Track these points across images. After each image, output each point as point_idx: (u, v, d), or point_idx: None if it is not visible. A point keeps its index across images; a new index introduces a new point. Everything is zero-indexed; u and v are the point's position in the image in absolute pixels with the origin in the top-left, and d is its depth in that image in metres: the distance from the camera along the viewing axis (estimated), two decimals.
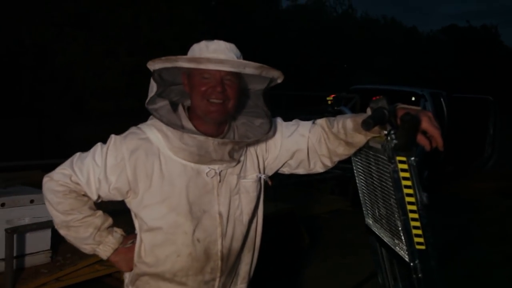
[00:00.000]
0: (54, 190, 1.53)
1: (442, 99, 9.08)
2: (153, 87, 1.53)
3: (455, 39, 36.68)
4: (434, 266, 1.52)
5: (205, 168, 1.55)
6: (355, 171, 1.97)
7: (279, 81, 1.57)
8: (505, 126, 10.52)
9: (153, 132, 1.54)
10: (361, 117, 1.57)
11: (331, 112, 1.85)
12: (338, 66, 25.07)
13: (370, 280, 4.32)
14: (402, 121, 1.38)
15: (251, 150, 1.67)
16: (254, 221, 1.72)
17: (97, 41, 12.92)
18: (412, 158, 1.48)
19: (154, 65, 1.50)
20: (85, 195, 1.55)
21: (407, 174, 1.49)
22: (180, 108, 1.60)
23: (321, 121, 1.70)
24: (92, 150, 1.56)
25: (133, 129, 1.58)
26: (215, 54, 1.49)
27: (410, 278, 1.66)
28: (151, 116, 1.60)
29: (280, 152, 1.70)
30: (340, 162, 1.77)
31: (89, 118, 13.03)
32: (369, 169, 1.79)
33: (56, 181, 1.53)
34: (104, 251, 1.63)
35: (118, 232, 1.67)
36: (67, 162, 1.55)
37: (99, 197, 1.56)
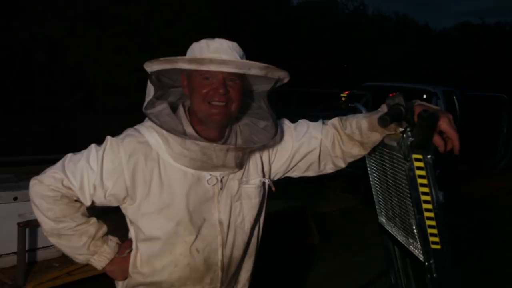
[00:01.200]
0: (44, 195, 1.42)
1: (455, 97, 8.98)
2: (150, 90, 1.44)
3: (468, 36, 36.32)
4: (449, 266, 1.49)
5: (206, 174, 1.47)
6: (368, 169, 1.94)
7: (285, 81, 1.49)
8: None
9: (152, 136, 1.44)
10: (375, 116, 1.54)
11: (345, 108, 1.82)
12: (349, 63, 24.94)
13: (380, 279, 4.29)
14: (420, 118, 1.35)
15: (255, 153, 1.60)
16: (256, 227, 1.65)
17: (108, 37, 12.97)
18: (429, 156, 1.46)
19: (151, 67, 1.40)
20: (77, 200, 1.45)
21: (423, 172, 1.47)
22: (181, 110, 1.50)
23: (333, 122, 1.66)
24: (85, 152, 1.45)
25: (130, 131, 1.48)
26: (217, 53, 1.41)
27: (424, 277, 1.64)
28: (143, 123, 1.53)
29: (290, 155, 1.63)
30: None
31: (100, 113, 13.11)
32: (383, 167, 1.76)
33: (46, 185, 1.41)
34: (99, 262, 1.53)
35: (113, 241, 1.57)
36: (58, 165, 1.44)
37: (92, 202, 1.46)
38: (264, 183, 1.61)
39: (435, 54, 31.13)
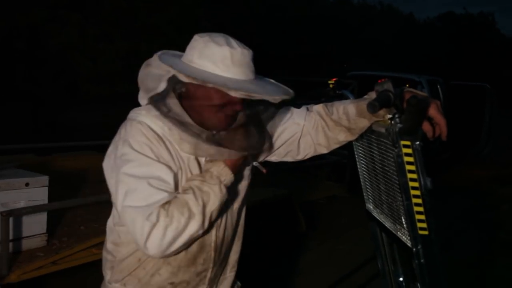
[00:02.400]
0: (162, 228, 1.27)
1: (439, 86, 9.07)
2: (159, 85, 1.37)
3: (452, 26, 36.61)
4: (436, 252, 1.50)
5: (201, 159, 1.47)
6: (356, 156, 1.94)
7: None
8: (501, 114, 10.53)
9: (157, 124, 1.41)
10: (363, 102, 1.54)
11: (333, 96, 1.82)
12: (334, 53, 24.97)
13: (366, 266, 4.34)
14: (408, 104, 1.35)
15: None
16: (243, 209, 1.69)
17: (91, 24, 12.77)
18: (417, 143, 1.46)
19: (184, 78, 1.33)
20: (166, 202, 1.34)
21: (411, 159, 1.47)
22: (175, 103, 1.42)
23: (317, 108, 1.65)
24: (122, 179, 1.33)
25: (134, 124, 1.40)
26: (240, 68, 1.37)
27: (411, 263, 1.65)
28: (141, 107, 1.47)
29: (273, 140, 1.62)
30: (336, 148, 1.73)
31: (83, 102, 12.96)
32: (371, 153, 1.77)
33: (154, 225, 1.27)
34: (227, 174, 1.42)
35: (208, 164, 1.45)
36: (135, 215, 1.29)
37: (176, 188, 1.39)
38: (252, 165, 1.63)
39: (420, 43, 31.33)
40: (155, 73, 1.40)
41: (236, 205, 1.60)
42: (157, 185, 1.32)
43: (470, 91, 9.83)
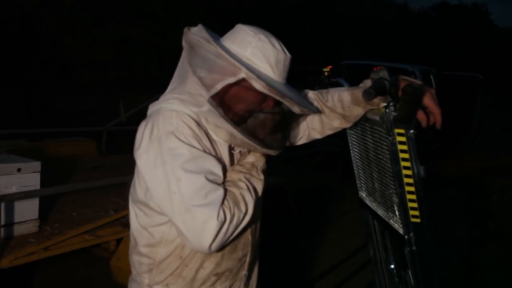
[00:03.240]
0: (227, 226, 1.27)
1: (432, 76, 9.09)
2: (217, 84, 1.31)
3: (446, 16, 36.62)
4: (428, 239, 1.52)
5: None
6: (349, 144, 1.95)
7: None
8: (493, 104, 10.58)
9: (194, 112, 1.36)
10: (358, 90, 1.55)
11: (328, 83, 1.81)
12: (327, 42, 24.90)
13: (358, 254, 4.37)
14: (404, 92, 1.36)
15: None
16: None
17: (84, 9, 12.63)
18: (411, 131, 1.47)
19: (256, 84, 1.30)
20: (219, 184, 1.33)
21: (405, 147, 1.48)
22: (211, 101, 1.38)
23: (311, 94, 1.66)
24: (174, 173, 1.27)
25: (172, 115, 1.34)
26: (285, 73, 1.42)
27: (402, 250, 1.67)
28: (166, 94, 1.43)
29: None
30: (328, 136, 1.74)
31: (76, 87, 12.84)
32: (365, 141, 1.77)
33: (223, 224, 1.26)
34: (264, 167, 1.48)
35: (251, 157, 1.47)
36: (196, 213, 1.24)
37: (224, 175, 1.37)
38: None
39: (413, 33, 31.31)
40: (219, 64, 1.32)
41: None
42: (213, 179, 1.29)
43: (462, 81, 9.86)
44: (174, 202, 1.26)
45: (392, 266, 1.92)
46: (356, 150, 1.91)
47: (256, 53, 1.37)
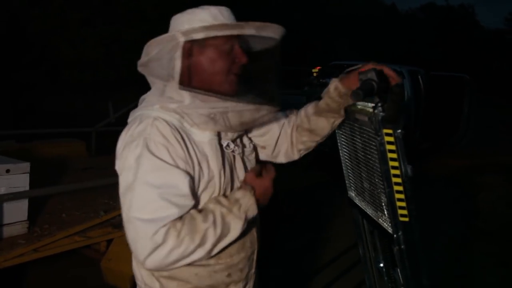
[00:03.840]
0: (169, 249, 1.23)
1: (420, 77, 9.16)
2: (176, 63, 1.31)
3: (433, 17, 36.92)
4: (416, 238, 1.54)
5: (223, 142, 1.44)
6: (338, 144, 1.97)
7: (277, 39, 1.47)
8: (479, 104, 10.69)
9: (172, 116, 1.34)
10: (323, 101, 1.64)
11: (317, 84, 1.83)
12: (317, 42, 24.97)
13: (347, 253, 4.40)
14: (391, 92, 1.38)
15: None
16: None
17: (73, 8, 12.54)
18: (399, 131, 1.49)
19: (199, 33, 1.30)
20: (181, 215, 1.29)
21: (393, 147, 1.50)
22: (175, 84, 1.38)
23: (291, 112, 1.73)
24: (133, 185, 1.26)
25: (149, 122, 1.32)
26: (231, 20, 1.39)
27: (391, 249, 1.69)
28: (146, 96, 1.43)
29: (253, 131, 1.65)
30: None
31: (64, 88, 12.75)
32: (353, 142, 1.79)
33: (160, 244, 1.23)
34: (253, 211, 1.39)
35: (239, 192, 1.40)
36: (141, 227, 1.23)
37: (193, 195, 1.32)
38: (255, 147, 1.64)
39: (402, 34, 31.51)
40: (163, 52, 1.32)
41: None
42: (169, 196, 1.25)
43: (449, 81, 9.94)
44: (124, 207, 1.28)
45: (382, 265, 1.94)
46: (345, 150, 1.93)
47: (190, 21, 1.36)
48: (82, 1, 12.91)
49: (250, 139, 1.63)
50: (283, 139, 1.70)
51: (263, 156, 1.72)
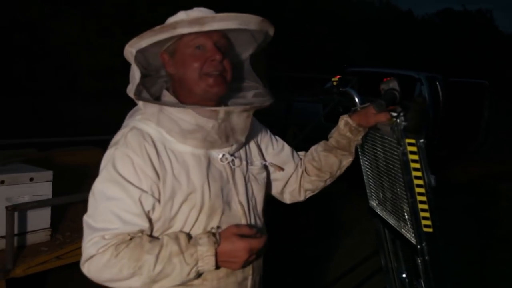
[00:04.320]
0: (103, 263, 1.21)
1: (438, 83, 9.08)
2: (135, 73, 1.31)
3: (451, 23, 36.61)
4: (440, 249, 1.54)
5: (216, 154, 1.38)
6: (359, 154, 1.97)
7: (271, 35, 1.39)
8: (500, 111, 10.56)
9: (151, 127, 1.32)
10: (332, 139, 1.64)
11: (337, 93, 1.83)
12: (331, 49, 24.93)
13: (366, 262, 4.36)
14: (415, 102, 1.38)
15: (252, 136, 1.55)
16: (264, 211, 1.59)
17: (92, 19, 12.75)
18: (421, 140, 1.49)
19: (139, 43, 1.28)
20: (132, 236, 1.25)
21: (416, 157, 1.50)
22: (166, 93, 1.38)
23: (301, 153, 1.73)
24: (96, 195, 1.28)
25: (125, 132, 1.33)
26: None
27: (414, 260, 1.68)
28: (132, 112, 1.41)
29: (268, 154, 1.62)
30: None
31: (84, 96, 12.93)
32: (375, 151, 1.79)
33: (95, 254, 1.22)
34: (208, 264, 1.24)
35: (204, 237, 1.26)
36: (86, 232, 1.26)
37: (150, 220, 1.29)
38: (265, 166, 1.57)
39: (418, 40, 31.30)
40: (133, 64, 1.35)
41: (259, 206, 1.53)
42: (117, 210, 1.24)
43: (468, 88, 9.84)
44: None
45: (404, 275, 1.93)
46: (366, 159, 1.93)
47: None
48: (100, 11, 13.13)
49: (263, 156, 1.58)
50: (294, 178, 1.69)
51: (271, 189, 1.69)
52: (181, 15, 1.33)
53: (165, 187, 1.29)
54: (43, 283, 3.49)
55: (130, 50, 1.31)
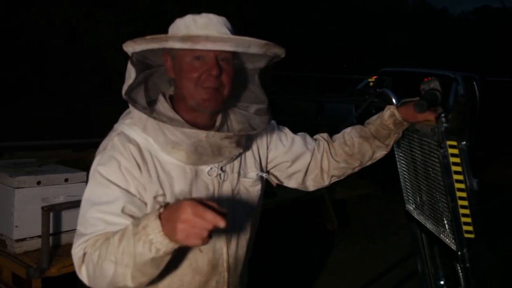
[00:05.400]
0: (94, 261, 1.16)
1: (474, 83, 8.83)
2: (130, 73, 1.27)
3: (488, 20, 35.63)
4: (482, 256, 1.47)
5: (204, 167, 1.33)
6: (396, 156, 1.91)
7: (282, 56, 1.31)
8: None
9: (138, 133, 1.29)
10: (371, 126, 1.57)
11: (374, 94, 1.78)
12: (364, 49, 24.64)
13: (399, 266, 4.28)
14: (457, 103, 1.32)
15: (252, 144, 1.48)
16: (255, 225, 1.51)
17: (125, 22, 12.97)
18: (464, 143, 1.43)
19: (134, 47, 1.24)
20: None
21: (457, 160, 1.44)
22: (161, 99, 1.34)
23: (322, 135, 1.64)
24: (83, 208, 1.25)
25: (112, 137, 1.30)
26: (206, 30, 1.25)
27: (453, 266, 1.61)
28: (126, 112, 1.37)
29: (284, 151, 1.55)
30: None
31: (117, 98, 13.13)
32: (412, 153, 1.73)
33: (85, 254, 1.19)
34: (154, 230, 1.03)
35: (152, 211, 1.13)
36: (75, 239, 1.23)
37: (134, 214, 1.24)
38: (261, 177, 1.49)
39: (454, 38, 30.60)
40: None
41: (248, 221, 1.46)
42: (103, 216, 1.20)
43: (507, 87, 9.56)
44: None
45: (442, 282, 1.86)
46: (403, 162, 1.87)
47: (170, 31, 1.32)
48: (134, 15, 13.33)
49: (261, 167, 1.50)
50: (313, 165, 1.59)
51: (292, 183, 1.62)
52: (188, 20, 1.29)
53: (150, 190, 1.26)
54: (76, 282, 3.54)
55: (127, 49, 1.27)
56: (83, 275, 1.20)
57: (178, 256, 1.29)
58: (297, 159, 1.57)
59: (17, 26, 11.90)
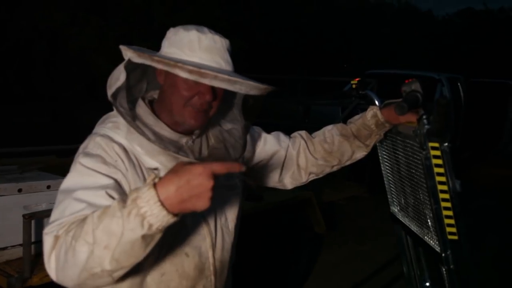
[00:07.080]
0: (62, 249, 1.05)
1: (459, 84, 8.92)
2: (120, 76, 1.24)
3: (472, 22, 36.04)
4: (466, 257, 1.46)
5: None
6: (380, 158, 1.90)
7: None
8: None
9: (120, 135, 1.27)
10: (353, 126, 1.58)
11: (356, 96, 1.77)
12: (350, 51, 24.77)
13: (387, 268, 4.28)
14: (438, 105, 1.31)
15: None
16: (237, 228, 1.50)
17: (110, 26, 12.90)
18: (446, 144, 1.42)
19: (135, 58, 1.20)
20: None
21: (439, 161, 1.43)
22: (141, 104, 1.32)
23: (300, 133, 1.64)
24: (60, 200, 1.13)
25: (93, 138, 1.26)
26: (209, 53, 1.24)
27: (439, 268, 1.60)
28: (110, 115, 1.34)
29: (254, 153, 1.55)
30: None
31: (102, 103, 13.05)
32: (396, 155, 1.72)
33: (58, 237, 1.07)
34: (148, 202, 0.91)
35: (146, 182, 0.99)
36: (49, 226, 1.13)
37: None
38: (240, 179, 1.49)
39: (439, 40, 30.92)
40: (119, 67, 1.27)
41: (231, 224, 1.44)
42: (84, 198, 1.09)
43: (491, 88, 9.66)
44: None
45: (428, 284, 1.85)
46: (386, 164, 1.86)
47: (169, 43, 1.29)
48: (119, 19, 13.27)
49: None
50: (289, 162, 1.60)
51: (270, 182, 1.62)
52: (192, 36, 1.25)
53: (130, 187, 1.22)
54: None
55: (126, 53, 1.23)
56: (51, 267, 1.04)
57: (164, 262, 1.28)
58: (271, 157, 1.58)
59: (0, 31, 11.78)
